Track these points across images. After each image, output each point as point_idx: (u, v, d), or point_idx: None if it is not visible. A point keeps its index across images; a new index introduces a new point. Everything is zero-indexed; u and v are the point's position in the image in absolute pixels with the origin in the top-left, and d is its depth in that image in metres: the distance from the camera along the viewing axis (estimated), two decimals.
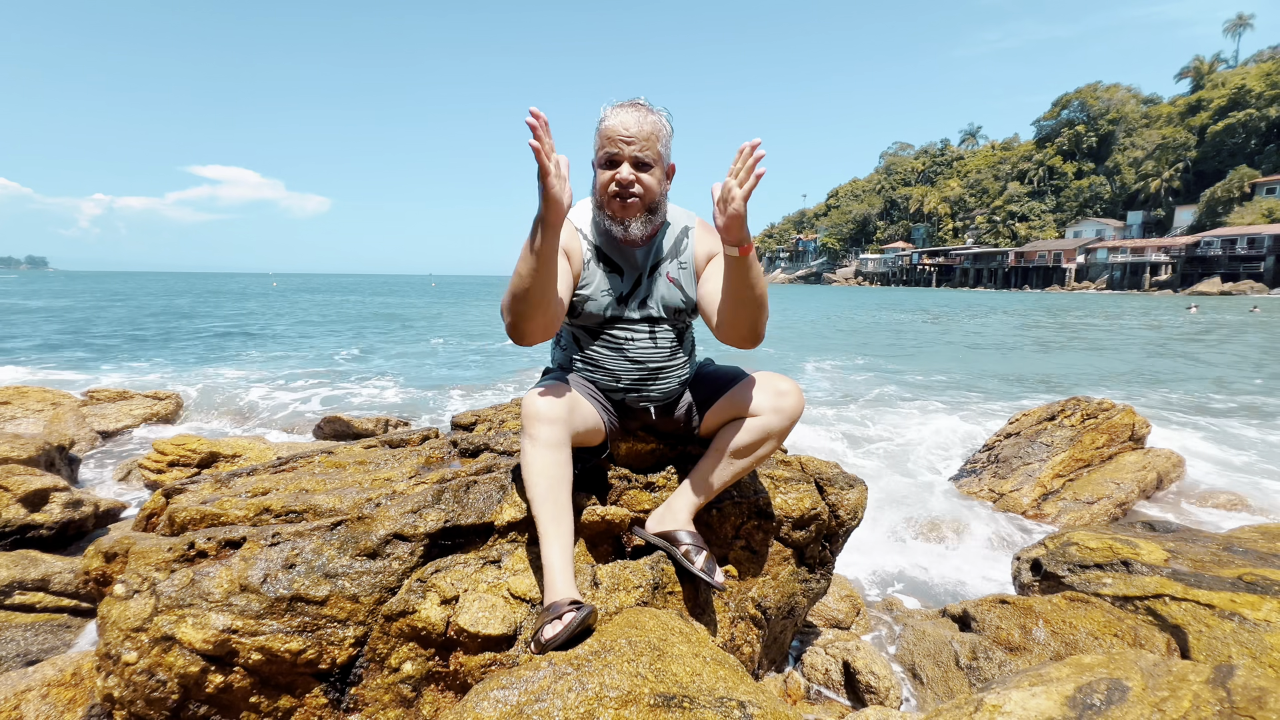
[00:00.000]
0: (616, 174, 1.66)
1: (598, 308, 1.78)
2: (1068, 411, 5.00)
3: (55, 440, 3.87)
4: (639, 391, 1.85)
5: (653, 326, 1.82)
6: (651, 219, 1.73)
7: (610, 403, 1.88)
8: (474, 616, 1.53)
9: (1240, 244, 54.11)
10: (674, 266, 1.82)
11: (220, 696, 1.46)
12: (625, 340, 1.80)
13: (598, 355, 1.83)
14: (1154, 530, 2.93)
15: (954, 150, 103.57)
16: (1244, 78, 68.56)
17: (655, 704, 1.22)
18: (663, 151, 1.69)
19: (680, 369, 1.89)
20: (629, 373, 1.82)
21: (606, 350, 1.82)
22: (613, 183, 1.67)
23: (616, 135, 1.63)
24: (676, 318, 1.85)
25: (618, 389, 1.84)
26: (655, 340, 1.82)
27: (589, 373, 1.85)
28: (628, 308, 1.79)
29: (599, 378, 1.84)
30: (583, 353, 1.85)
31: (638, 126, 1.63)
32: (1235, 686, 1.33)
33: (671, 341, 1.85)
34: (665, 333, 1.83)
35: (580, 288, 1.76)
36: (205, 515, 1.75)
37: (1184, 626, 2.11)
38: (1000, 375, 11.91)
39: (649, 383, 1.84)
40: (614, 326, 1.80)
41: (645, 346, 1.81)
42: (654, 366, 1.83)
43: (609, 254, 1.79)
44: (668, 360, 1.84)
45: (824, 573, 2.29)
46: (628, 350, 1.80)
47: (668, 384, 1.87)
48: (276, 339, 17.46)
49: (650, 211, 1.71)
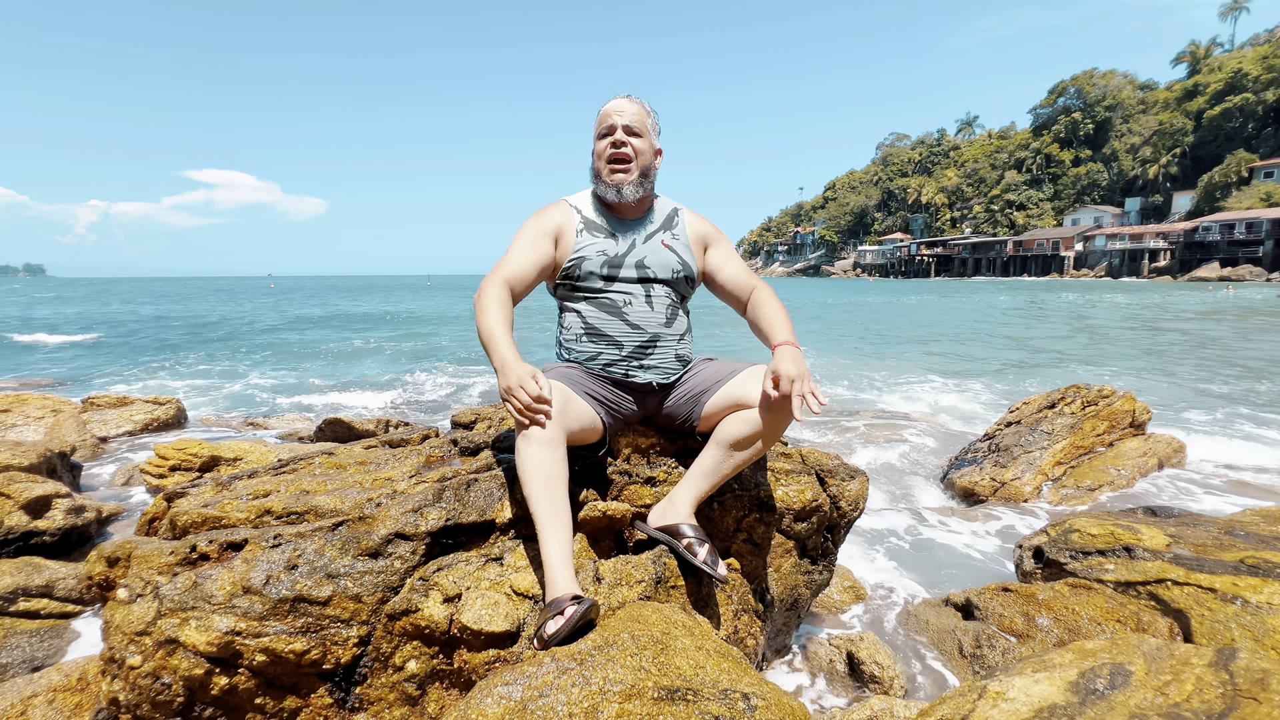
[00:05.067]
0: (611, 138, 1.89)
1: (594, 265, 1.89)
2: (1068, 399, 5.00)
3: (56, 447, 3.87)
4: (639, 360, 1.89)
5: (649, 291, 1.91)
6: (644, 183, 1.93)
7: (613, 386, 1.90)
8: (477, 614, 1.54)
9: (1239, 228, 54.00)
10: (668, 236, 1.99)
11: (225, 698, 1.46)
12: (623, 302, 1.89)
13: (598, 322, 1.89)
14: (1155, 515, 2.93)
15: (951, 140, 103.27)
16: (1240, 62, 68.27)
17: (659, 697, 1.22)
18: (651, 130, 1.94)
19: (678, 340, 1.95)
20: (629, 338, 1.89)
21: (605, 314, 1.89)
22: (608, 146, 1.89)
23: (611, 110, 1.91)
24: (673, 281, 1.95)
25: (619, 360, 1.89)
26: (652, 303, 1.91)
27: (592, 345, 1.89)
28: (624, 267, 1.91)
29: (602, 350, 1.89)
30: (584, 322, 1.91)
31: (629, 106, 1.92)
32: (1238, 669, 1.33)
33: (668, 307, 1.93)
34: (662, 297, 1.92)
35: (575, 252, 1.91)
36: (207, 518, 1.75)
37: (1186, 611, 2.11)
38: (1006, 363, 11.91)
39: (649, 351, 1.90)
40: (611, 290, 1.89)
41: (643, 310, 1.90)
42: (653, 331, 1.90)
43: (604, 224, 1.95)
44: (665, 327, 1.92)
45: (826, 564, 2.30)
46: (626, 314, 1.89)
47: (665, 354, 1.93)
48: (276, 340, 17.45)
49: (643, 175, 1.92)
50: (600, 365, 1.90)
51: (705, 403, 1.90)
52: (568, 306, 1.98)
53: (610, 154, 1.89)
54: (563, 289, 1.97)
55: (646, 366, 1.91)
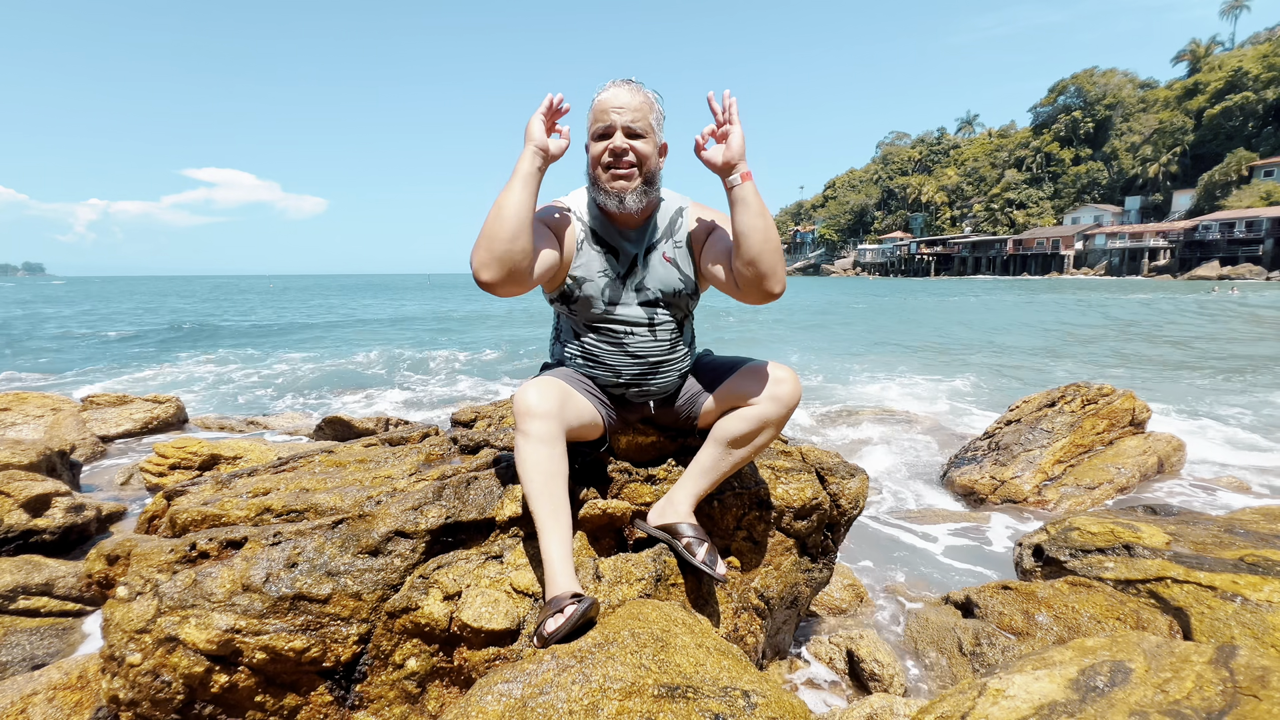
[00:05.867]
0: (610, 144, 1.65)
1: (595, 290, 1.76)
2: (1068, 397, 5.00)
3: (56, 445, 3.87)
4: (639, 386, 1.85)
5: (653, 318, 1.80)
6: (648, 191, 1.71)
7: (609, 397, 1.88)
8: (477, 612, 1.54)
9: (1239, 227, 53.96)
10: (669, 246, 1.81)
11: (225, 696, 1.46)
12: (624, 334, 1.79)
13: (597, 350, 1.82)
14: (1155, 514, 2.93)
15: (951, 139, 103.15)
16: (1241, 60, 68.20)
17: (659, 695, 1.22)
18: (655, 125, 1.68)
19: (680, 362, 1.89)
20: (629, 367, 1.81)
21: (606, 345, 1.81)
22: (606, 153, 1.66)
23: (609, 106, 1.64)
24: (675, 301, 1.83)
25: (618, 384, 1.84)
26: (655, 334, 1.81)
27: (588, 368, 1.85)
28: (625, 291, 1.78)
29: (599, 373, 1.84)
30: (582, 347, 1.84)
31: (630, 99, 1.64)
32: (1238, 666, 1.33)
33: (672, 333, 1.84)
34: (665, 324, 1.82)
35: (575, 269, 1.75)
36: (206, 516, 1.75)
37: (1186, 608, 2.11)
38: (1008, 362, 11.91)
39: (649, 378, 1.84)
40: (613, 319, 1.79)
41: (645, 340, 1.80)
42: (654, 361, 1.82)
43: (604, 236, 1.78)
44: (668, 354, 1.84)
45: (826, 562, 2.30)
46: (628, 345, 1.80)
47: (667, 379, 1.87)
48: (275, 340, 17.44)
49: (646, 183, 1.69)
50: (599, 386, 1.86)
51: (704, 400, 1.89)
52: (565, 320, 1.89)
53: (608, 162, 1.67)
54: (558, 303, 1.85)
55: (646, 391, 1.86)
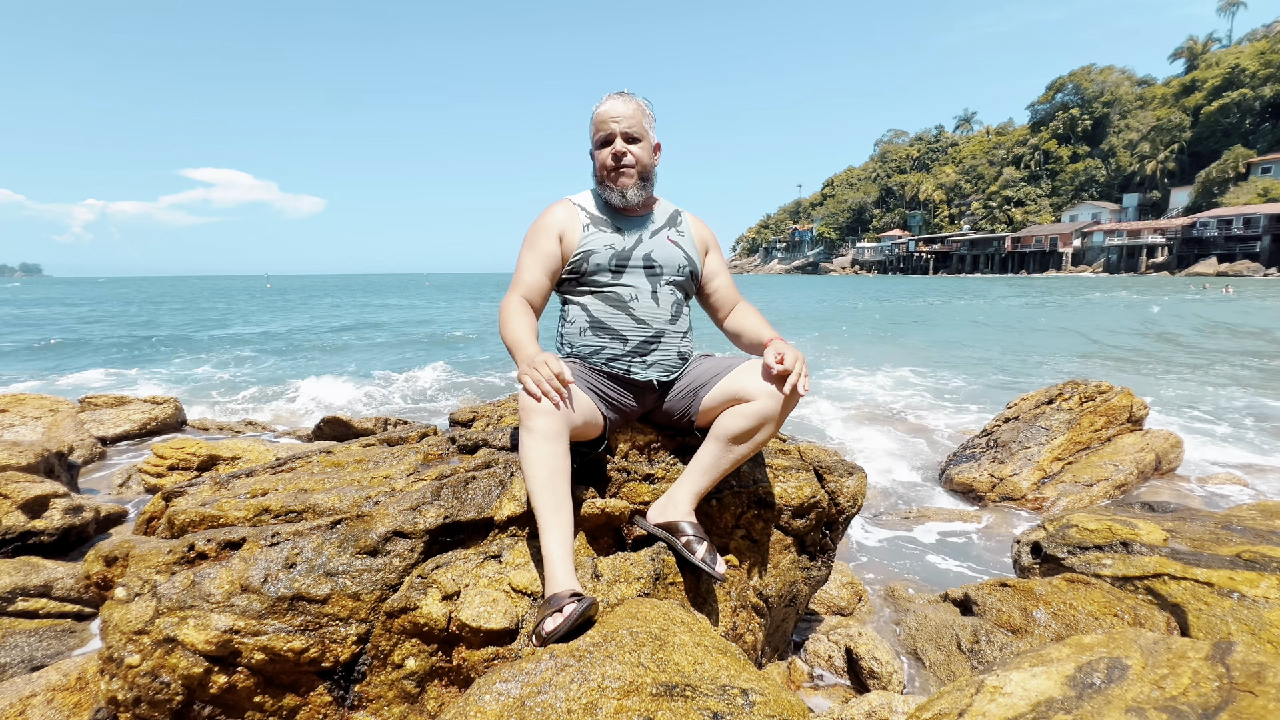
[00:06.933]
0: (612, 149, 1.90)
1: (603, 259, 1.91)
2: (1065, 395, 5.01)
3: (54, 447, 3.86)
4: (643, 356, 1.90)
5: (656, 287, 1.92)
6: (645, 186, 1.95)
7: (613, 381, 1.90)
8: (475, 611, 1.54)
9: (1236, 224, 54.05)
10: (672, 233, 2.02)
11: (224, 697, 1.46)
12: (629, 296, 1.89)
13: (604, 316, 1.90)
14: (1152, 510, 2.94)
15: (949, 136, 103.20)
16: (1238, 57, 68.24)
17: (658, 693, 1.22)
18: (648, 128, 1.95)
19: (680, 338, 1.96)
20: (634, 333, 1.89)
21: (611, 308, 1.89)
22: (609, 157, 1.90)
23: (608, 117, 1.91)
24: (678, 277, 1.96)
25: (623, 355, 1.88)
26: (658, 299, 1.91)
27: (596, 339, 1.89)
28: (632, 258, 1.92)
29: (606, 344, 1.89)
30: (590, 316, 1.91)
31: (624, 108, 1.91)
32: (1234, 662, 1.33)
33: (674, 304, 1.94)
34: (668, 293, 1.93)
35: (583, 245, 1.91)
36: (205, 517, 1.75)
37: (1183, 605, 2.12)
38: (1010, 358, 11.92)
39: (653, 347, 1.90)
40: (618, 284, 1.90)
41: (649, 305, 1.90)
42: (658, 327, 1.90)
43: (610, 219, 1.96)
44: (669, 323, 1.93)
45: (825, 560, 2.30)
46: (632, 308, 1.89)
47: (669, 351, 1.93)
48: (275, 340, 17.42)
49: (643, 179, 1.94)
50: (603, 360, 1.89)
51: (703, 398, 1.90)
52: (571, 300, 1.98)
53: (612, 165, 1.91)
54: (568, 283, 1.97)
55: (649, 363, 1.91)
